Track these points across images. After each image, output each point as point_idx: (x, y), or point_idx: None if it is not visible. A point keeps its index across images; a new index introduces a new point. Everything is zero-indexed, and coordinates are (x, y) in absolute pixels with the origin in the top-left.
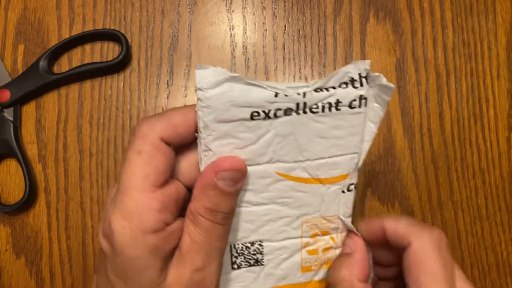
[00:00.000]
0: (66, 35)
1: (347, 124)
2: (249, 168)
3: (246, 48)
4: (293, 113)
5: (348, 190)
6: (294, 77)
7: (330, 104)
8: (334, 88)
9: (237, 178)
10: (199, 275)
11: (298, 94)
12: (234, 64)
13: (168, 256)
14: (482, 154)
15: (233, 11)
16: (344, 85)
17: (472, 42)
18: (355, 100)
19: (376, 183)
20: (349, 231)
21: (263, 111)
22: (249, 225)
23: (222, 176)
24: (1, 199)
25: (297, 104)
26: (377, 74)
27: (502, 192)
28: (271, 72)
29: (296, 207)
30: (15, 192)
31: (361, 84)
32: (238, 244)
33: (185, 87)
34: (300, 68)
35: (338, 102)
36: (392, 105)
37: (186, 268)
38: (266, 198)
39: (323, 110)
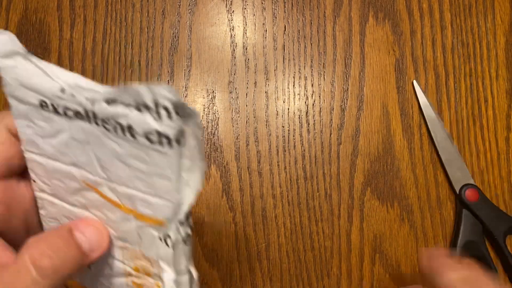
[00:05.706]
0: (67, 36)
1: (150, 160)
2: (54, 163)
3: (246, 48)
4: (85, 120)
5: (166, 243)
6: (294, 77)
7: (122, 126)
8: (130, 106)
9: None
10: None
11: (87, 99)
12: (234, 64)
13: None
14: (481, 154)
15: (233, 12)
16: (138, 108)
17: (471, 43)
18: (151, 133)
19: (375, 183)
20: None
21: (52, 104)
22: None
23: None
24: None
25: (86, 111)
26: (192, 109)
27: (501, 192)
28: (271, 73)
29: (111, 226)
30: None
31: (159, 116)
32: None
33: (185, 87)
34: (300, 69)
35: (130, 127)
36: (392, 105)
37: None
38: (78, 202)
39: (115, 131)
